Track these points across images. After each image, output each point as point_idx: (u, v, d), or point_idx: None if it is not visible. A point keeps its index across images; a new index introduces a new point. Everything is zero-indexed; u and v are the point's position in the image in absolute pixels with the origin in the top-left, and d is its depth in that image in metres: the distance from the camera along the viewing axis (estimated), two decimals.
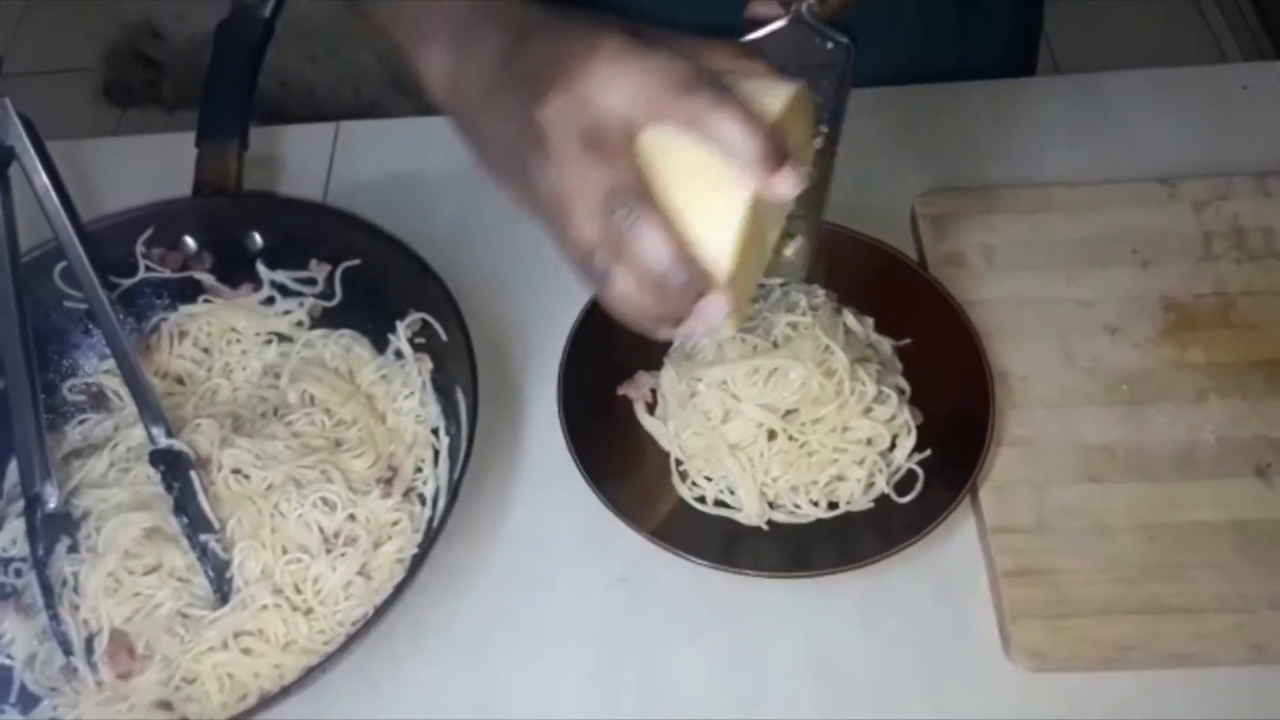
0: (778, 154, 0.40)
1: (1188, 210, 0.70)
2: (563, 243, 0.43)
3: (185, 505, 0.58)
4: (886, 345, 0.66)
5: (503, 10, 0.45)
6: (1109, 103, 0.78)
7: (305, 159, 0.80)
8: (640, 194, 0.41)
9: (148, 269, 0.68)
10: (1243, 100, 0.77)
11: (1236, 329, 0.66)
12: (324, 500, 0.59)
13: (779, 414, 0.60)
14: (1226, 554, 0.58)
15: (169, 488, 0.59)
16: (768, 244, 0.49)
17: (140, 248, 0.68)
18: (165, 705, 0.55)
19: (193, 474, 0.59)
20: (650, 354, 0.67)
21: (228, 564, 0.58)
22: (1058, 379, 0.64)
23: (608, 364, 0.66)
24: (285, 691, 0.52)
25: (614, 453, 0.63)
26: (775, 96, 0.43)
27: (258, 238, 0.69)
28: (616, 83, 0.40)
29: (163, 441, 0.60)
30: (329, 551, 0.58)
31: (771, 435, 0.60)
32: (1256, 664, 0.56)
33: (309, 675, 0.53)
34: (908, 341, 0.66)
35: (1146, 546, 0.59)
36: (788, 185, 0.41)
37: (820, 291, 0.65)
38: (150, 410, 0.60)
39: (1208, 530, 0.59)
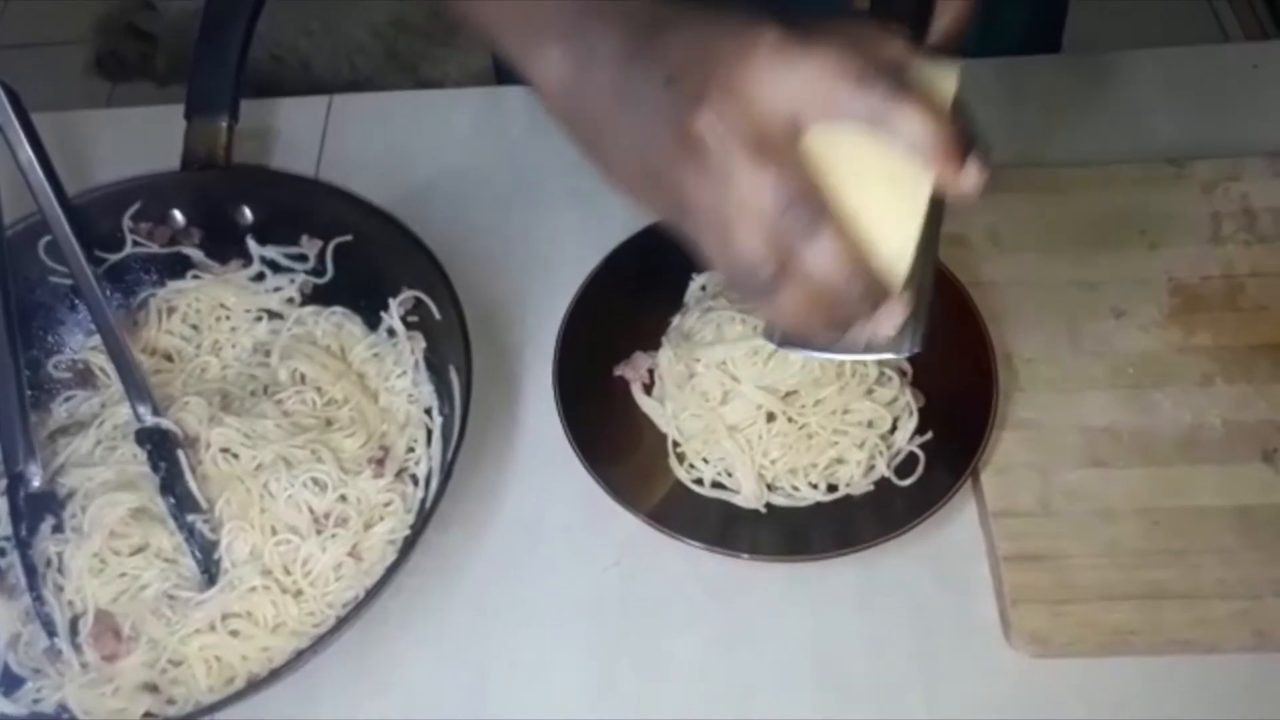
0: (963, 141, 0.37)
1: (1196, 191, 0.69)
2: (725, 258, 0.39)
3: (172, 485, 0.57)
4: None
5: (623, 3, 0.40)
6: (1118, 82, 0.77)
7: (297, 132, 0.78)
8: (817, 202, 0.37)
9: (135, 244, 0.67)
10: (1252, 79, 0.76)
11: (1244, 312, 0.64)
12: (314, 480, 0.58)
13: (779, 395, 0.59)
14: (1230, 540, 0.57)
15: (155, 467, 0.58)
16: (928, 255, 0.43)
17: (127, 222, 0.66)
18: (151, 688, 0.54)
19: (180, 453, 0.58)
20: (647, 334, 0.66)
21: (215, 545, 0.57)
22: (1062, 362, 0.63)
23: (604, 344, 0.65)
24: (274, 675, 0.51)
25: (610, 434, 0.61)
26: (946, 79, 0.39)
27: (248, 212, 0.67)
28: (783, 80, 0.36)
29: (149, 419, 0.59)
30: (319, 532, 0.57)
31: (771, 417, 0.59)
32: (1259, 651, 0.55)
33: (298, 658, 0.52)
34: None
35: (1149, 531, 0.58)
36: (975, 175, 0.38)
37: None
38: (136, 387, 0.59)
39: (1211, 515, 0.58)
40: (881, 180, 0.39)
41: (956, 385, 0.62)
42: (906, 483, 0.60)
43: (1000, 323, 0.64)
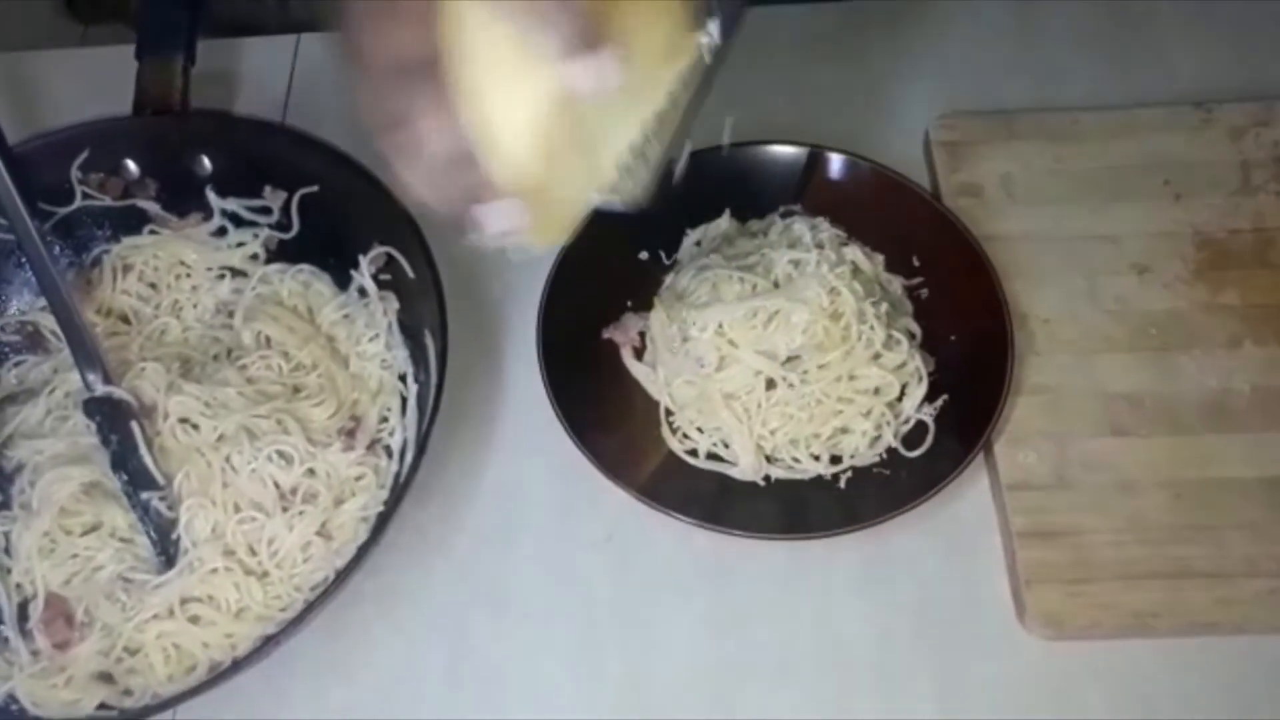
0: (588, 37, 0.34)
1: (1224, 137, 0.65)
2: (361, 111, 0.38)
3: (125, 459, 0.53)
4: (896, 285, 0.61)
5: None
6: (1139, 20, 0.72)
7: (263, 75, 0.73)
8: (428, 67, 0.35)
9: (85, 196, 0.62)
10: None
11: (1276, 269, 0.61)
12: (280, 453, 0.54)
13: (779, 361, 0.56)
14: (1258, 514, 0.54)
15: (106, 440, 0.54)
16: (604, 152, 0.41)
17: (76, 172, 0.62)
18: (106, 678, 0.51)
19: (134, 425, 0.54)
20: (638, 294, 0.62)
21: (173, 523, 0.53)
22: (1081, 322, 0.60)
23: (592, 305, 0.61)
24: (238, 664, 0.48)
25: (598, 402, 0.58)
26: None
27: (206, 161, 0.63)
28: None
29: (99, 388, 0.55)
30: (285, 509, 0.53)
31: (770, 384, 0.56)
32: None
33: (264, 646, 0.49)
34: (919, 281, 0.61)
35: (1173, 505, 0.55)
36: (594, 76, 0.35)
37: (825, 225, 0.60)
38: (85, 353, 0.55)
39: (1238, 488, 0.55)
40: (511, 67, 0.36)
41: (969, 348, 0.58)
42: (915, 454, 0.56)
43: (1014, 280, 0.60)
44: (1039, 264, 0.61)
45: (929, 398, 0.57)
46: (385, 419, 0.57)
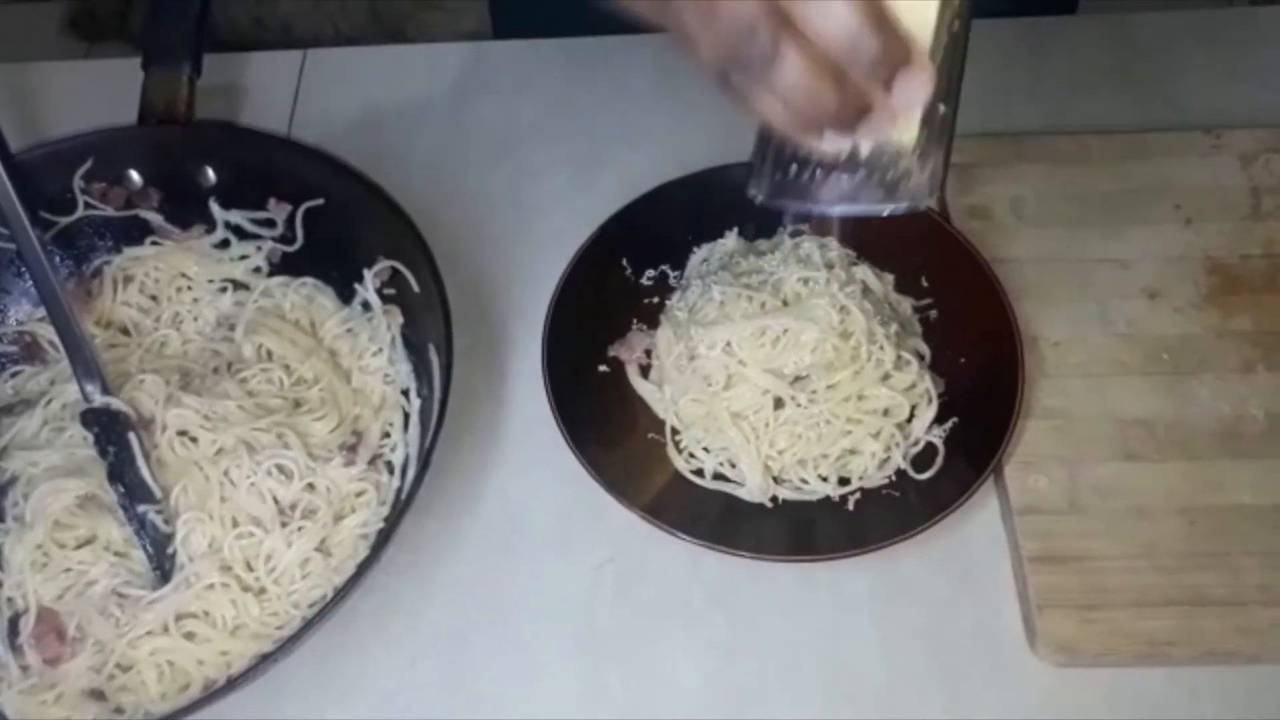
0: None
1: (1234, 163, 0.65)
2: (714, 30, 0.35)
3: (121, 471, 0.52)
4: (906, 305, 0.60)
5: None
6: (1148, 45, 0.72)
7: (269, 90, 0.73)
8: None
9: (88, 206, 0.62)
10: None
11: None
12: (279, 468, 0.53)
13: (787, 380, 0.55)
14: (1273, 541, 0.53)
15: (103, 452, 0.53)
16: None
17: (79, 182, 0.61)
18: (97, 695, 0.50)
19: (131, 436, 0.53)
20: (646, 312, 0.61)
21: (170, 538, 0.52)
22: (1092, 346, 0.59)
23: (598, 321, 0.60)
24: (232, 682, 0.47)
25: (603, 420, 0.57)
26: None
27: (210, 173, 0.62)
28: None
29: (98, 399, 0.54)
30: (284, 525, 0.53)
31: (778, 403, 0.55)
32: None
33: (260, 664, 0.47)
34: (928, 302, 0.61)
35: (1187, 531, 0.54)
36: None
37: (835, 244, 0.59)
38: (84, 363, 0.54)
39: (1253, 515, 0.54)
40: None
41: (978, 370, 0.58)
42: (924, 476, 0.56)
43: (1024, 303, 0.60)
44: (1049, 287, 0.61)
45: (939, 420, 0.57)
46: (387, 434, 0.57)
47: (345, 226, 0.60)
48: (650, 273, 0.63)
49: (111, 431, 0.53)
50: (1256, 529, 0.53)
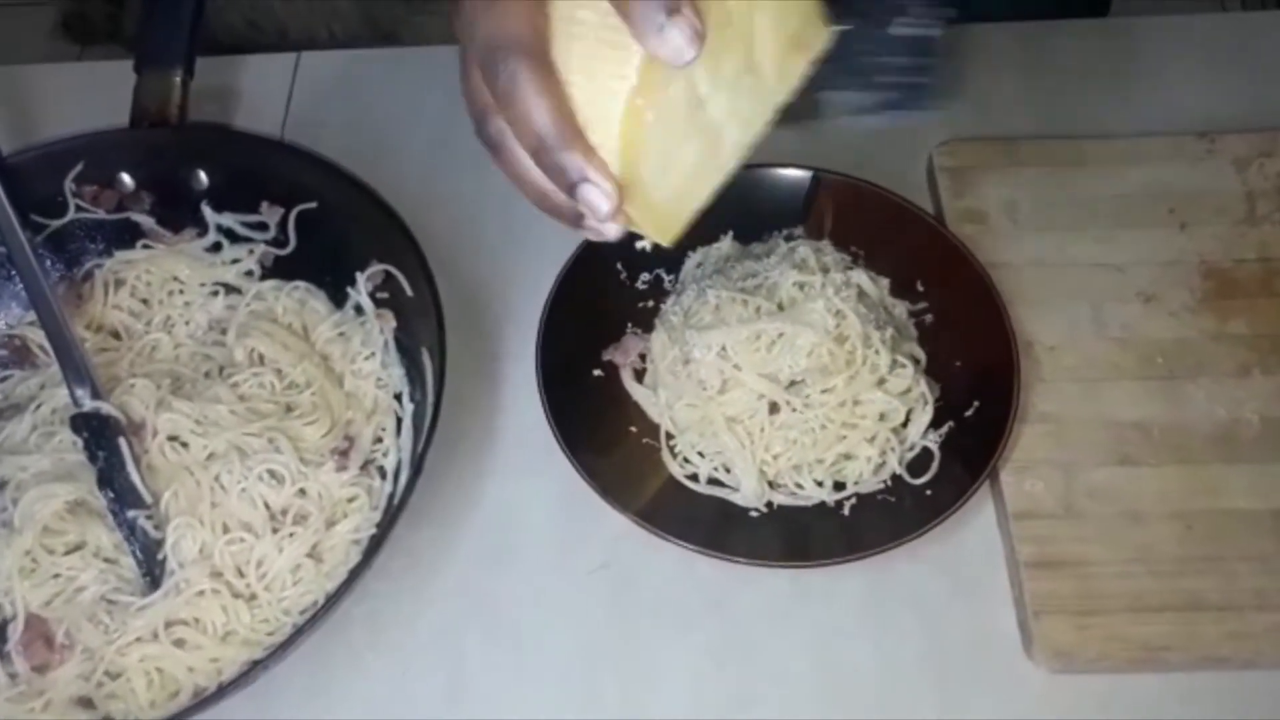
0: (670, 5, 0.33)
1: (1228, 167, 0.65)
2: (464, 97, 0.39)
3: (111, 476, 0.52)
4: (901, 309, 0.60)
5: None
6: (1142, 50, 0.72)
7: (262, 93, 0.73)
8: (529, 49, 0.35)
9: (79, 209, 0.62)
10: None
11: None
12: (271, 473, 0.53)
13: (783, 385, 0.55)
14: (1268, 545, 0.53)
15: (93, 456, 0.52)
16: (725, 146, 0.39)
17: (70, 184, 0.61)
18: (86, 702, 0.49)
19: (121, 441, 0.52)
20: (640, 316, 0.61)
21: (160, 543, 0.51)
22: (1087, 350, 0.59)
23: (593, 325, 0.60)
24: (223, 689, 0.47)
25: (598, 424, 0.57)
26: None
27: (203, 176, 0.62)
28: None
29: (87, 404, 0.53)
30: (276, 531, 0.52)
31: (774, 408, 0.55)
32: None
33: (250, 671, 0.47)
34: (923, 306, 0.60)
35: (1182, 536, 0.54)
36: (673, 44, 0.33)
37: (830, 248, 0.59)
38: (74, 368, 0.54)
39: (1249, 519, 0.54)
40: (606, 48, 0.35)
41: (974, 375, 0.58)
42: (920, 481, 0.55)
43: (1019, 307, 0.60)
44: (1044, 291, 0.61)
45: (934, 424, 0.56)
46: (380, 439, 0.56)
47: (338, 230, 0.60)
48: (645, 277, 0.62)
49: (101, 436, 0.53)
50: (1252, 533, 0.53)
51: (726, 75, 0.37)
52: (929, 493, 0.55)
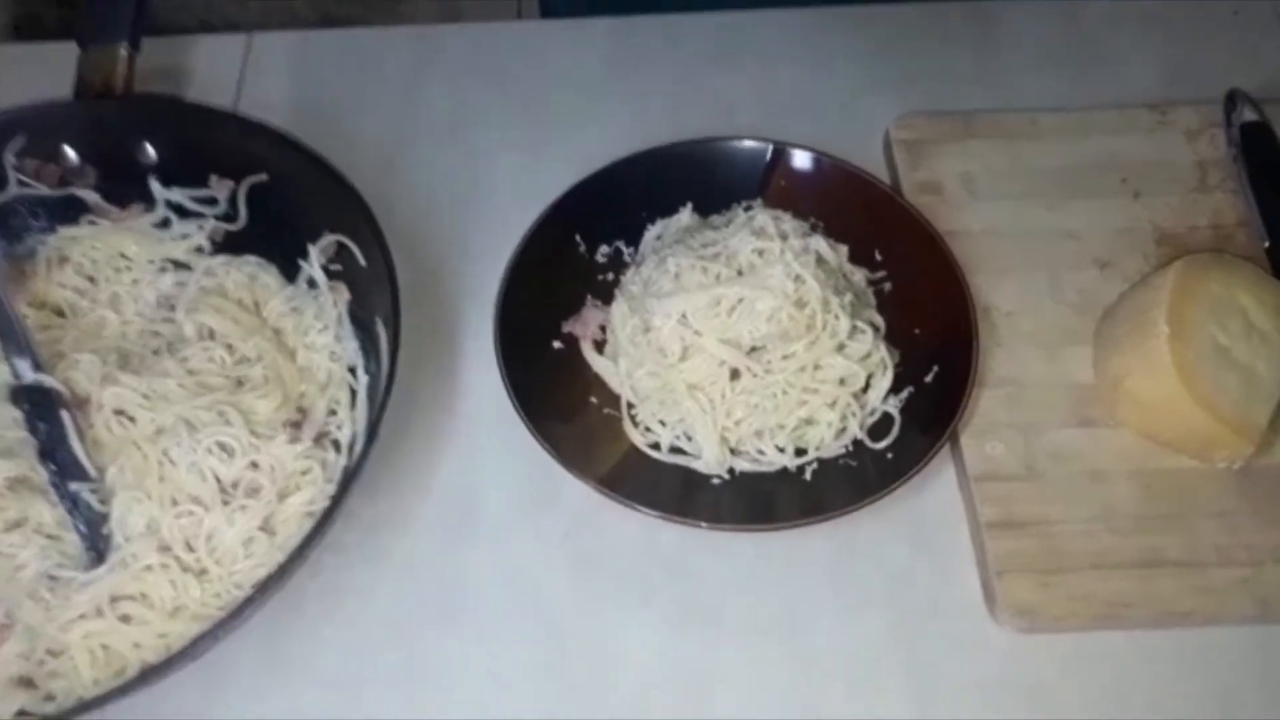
0: None
1: (1179, 138, 0.66)
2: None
3: (53, 449, 0.50)
4: (860, 277, 0.60)
5: None
6: (1093, 25, 0.73)
7: (213, 72, 0.72)
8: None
9: (21, 184, 0.60)
10: (1233, 24, 0.72)
11: None
12: (221, 445, 0.52)
13: (744, 350, 0.54)
14: (1229, 502, 0.54)
15: (33, 429, 0.50)
16: (1261, 377, 0.54)
17: (10, 159, 0.59)
18: (26, 682, 0.47)
19: (64, 413, 0.51)
20: (600, 288, 0.60)
21: (105, 517, 0.50)
22: (1044, 315, 0.59)
23: (552, 298, 0.59)
24: (169, 664, 0.45)
25: (558, 396, 0.56)
26: None
27: (150, 149, 0.60)
28: None
29: (28, 376, 0.52)
30: (226, 503, 0.51)
31: (735, 374, 0.54)
32: (1261, 622, 0.51)
33: (197, 643, 0.45)
34: (882, 275, 0.60)
35: (1143, 494, 0.54)
36: None
37: (788, 217, 0.59)
38: (14, 340, 0.52)
39: (1209, 477, 0.54)
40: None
41: (933, 341, 0.58)
42: (881, 445, 0.55)
43: (976, 274, 0.60)
44: (1000, 259, 0.61)
45: (894, 390, 0.56)
46: (334, 412, 0.55)
47: (289, 202, 0.58)
48: (604, 249, 0.62)
49: (43, 409, 0.51)
50: (1212, 491, 0.54)
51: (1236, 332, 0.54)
52: (890, 456, 0.55)
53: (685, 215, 0.62)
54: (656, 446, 0.55)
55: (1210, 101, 0.66)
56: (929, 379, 0.56)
